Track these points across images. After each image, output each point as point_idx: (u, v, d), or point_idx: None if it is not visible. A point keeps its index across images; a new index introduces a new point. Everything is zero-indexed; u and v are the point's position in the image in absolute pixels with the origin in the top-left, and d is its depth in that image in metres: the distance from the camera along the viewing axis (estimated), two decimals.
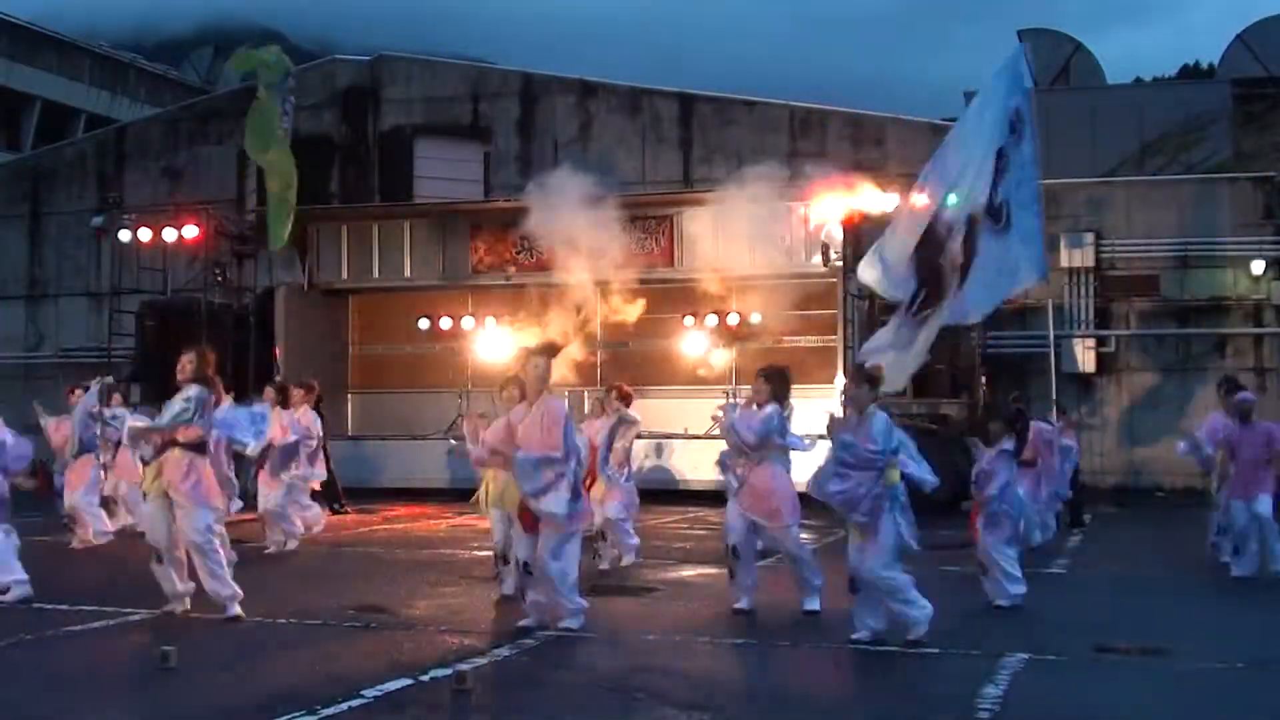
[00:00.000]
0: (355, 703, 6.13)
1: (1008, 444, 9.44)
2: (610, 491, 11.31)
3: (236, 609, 8.42)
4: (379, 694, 6.32)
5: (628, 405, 11.71)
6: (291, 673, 7.13)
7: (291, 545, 12.58)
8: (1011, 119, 9.13)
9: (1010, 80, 9.33)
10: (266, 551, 12.34)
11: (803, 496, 9.03)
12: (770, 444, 9.05)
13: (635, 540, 11.70)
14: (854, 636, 7.75)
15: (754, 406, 9.16)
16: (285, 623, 8.40)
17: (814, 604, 8.93)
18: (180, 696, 6.46)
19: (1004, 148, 9.10)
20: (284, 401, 13.12)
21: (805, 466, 9.23)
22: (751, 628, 8.45)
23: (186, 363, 8.70)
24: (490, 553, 10.26)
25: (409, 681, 6.60)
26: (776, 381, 9.16)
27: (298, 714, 5.87)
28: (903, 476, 8.04)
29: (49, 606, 8.89)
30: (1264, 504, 10.67)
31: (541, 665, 7.20)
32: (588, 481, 11.52)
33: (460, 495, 17.25)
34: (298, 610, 8.65)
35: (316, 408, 14.27)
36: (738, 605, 8.94)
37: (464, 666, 6.74)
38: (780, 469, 9.19)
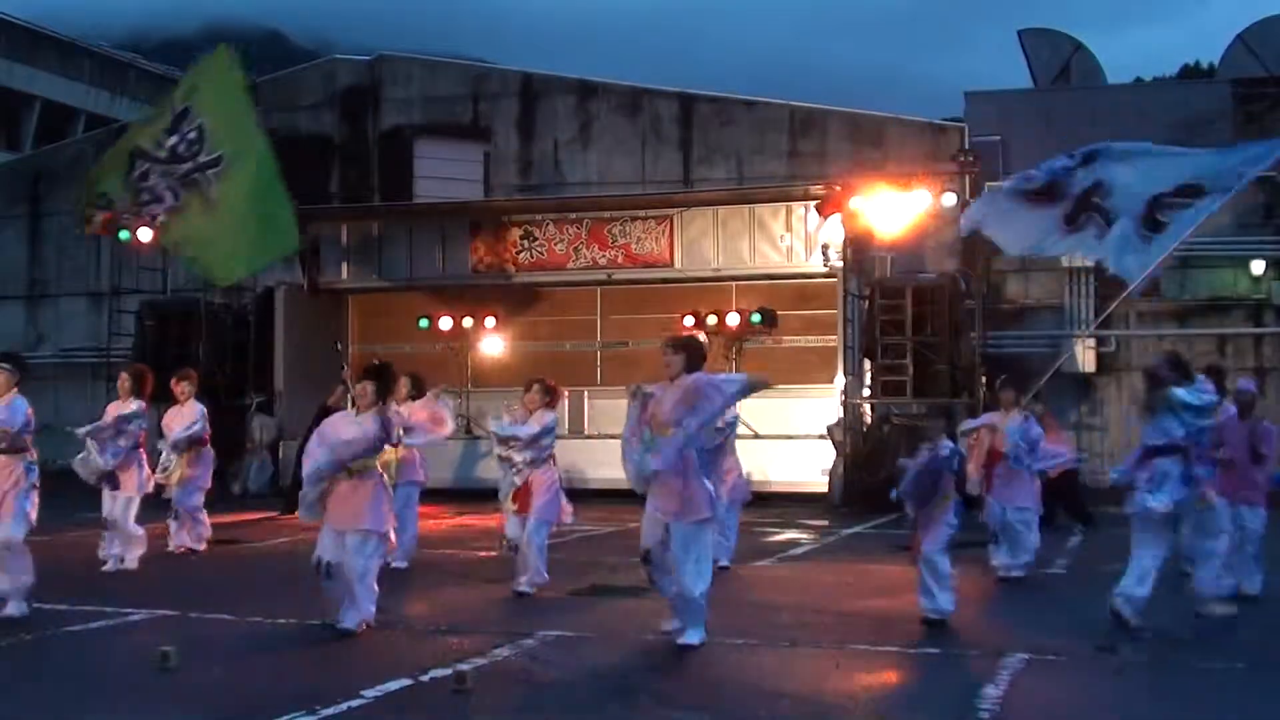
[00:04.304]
0: (355, 703, 6.13)
1: (945, 447, 8.74)
2: (538, 501, 9.75)
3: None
4: (379, 694, 6.32)
5: (552, 406, 10.11)
6: (291, 673, 7.13)
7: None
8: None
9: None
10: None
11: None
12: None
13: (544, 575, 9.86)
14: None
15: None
16: (285, 623, 8.40)
17: (696, 636, 7.62)
18: (180, 696, 6.45)
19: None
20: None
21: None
22: (751, 628, 8.44)
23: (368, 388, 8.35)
24: (494, 554, 10.18)
25: (409, 681, 6.60)
26: (691, 351, 7.88)
27: (298, 714, 5.87)
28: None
29: (49, 606, 8.88)
30: (1255, 516, 9.68)
31: (541, 665, 7.20)
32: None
33: (460, 495, 17.29)
34: (297, 610, 8.64)
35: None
36: (666, 626, 7.82)
37: (464, 666, 6.74)
38: (692, 455, 7.76)
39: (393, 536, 8.51)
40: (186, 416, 12.50)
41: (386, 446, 8.70)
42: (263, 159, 8.65)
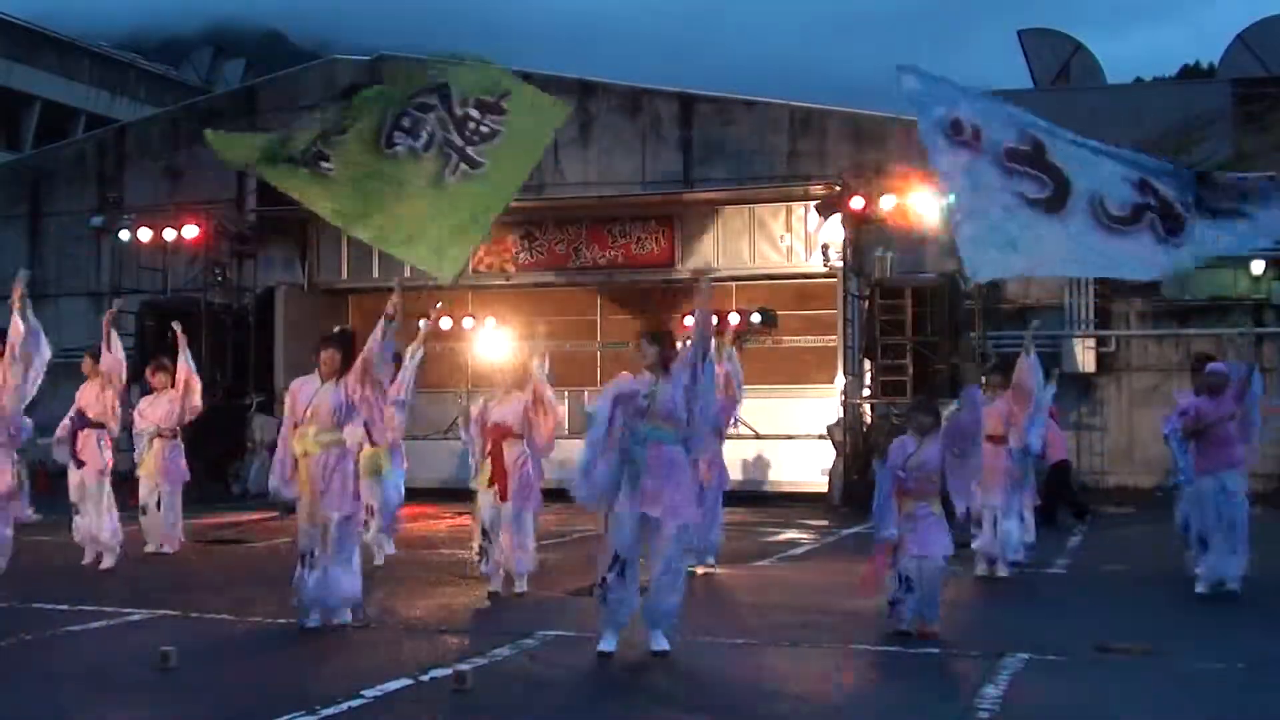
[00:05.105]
0: (355, 703, 6.13)
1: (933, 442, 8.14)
2: (521, 490, 9.61)
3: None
4: (379, 694, 6.31)
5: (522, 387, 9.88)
6: (291, 673, 7.13)
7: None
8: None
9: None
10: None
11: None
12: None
13: (530, 564, 9.81)
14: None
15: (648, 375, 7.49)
16: (285, 623, 8.39)
17: (668, 641, 7.34)
18: (180, 696, 6.45)
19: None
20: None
21: None
22: (752, 628, 8.44)
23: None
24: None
25: (409, 681, 6.60)
26: (665, 344, 7.59)
27: (297, 714, 5.87)
28: None
29: (49, 606, 8.89)
30: (1235, 480, 9.68)
31: (541, 665, 7.20)
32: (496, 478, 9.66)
33: (460, 495, 17.27)
34: (298, 610, 8.63)
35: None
36: (604, 647, 7.28)
37: (464, 666, 6.74)
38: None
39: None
40: (161, 406, 12.47)
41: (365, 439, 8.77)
42: (502, 200, 8.70)
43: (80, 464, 11.62)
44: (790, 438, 19.68)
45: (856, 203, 18.22)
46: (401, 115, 8.33)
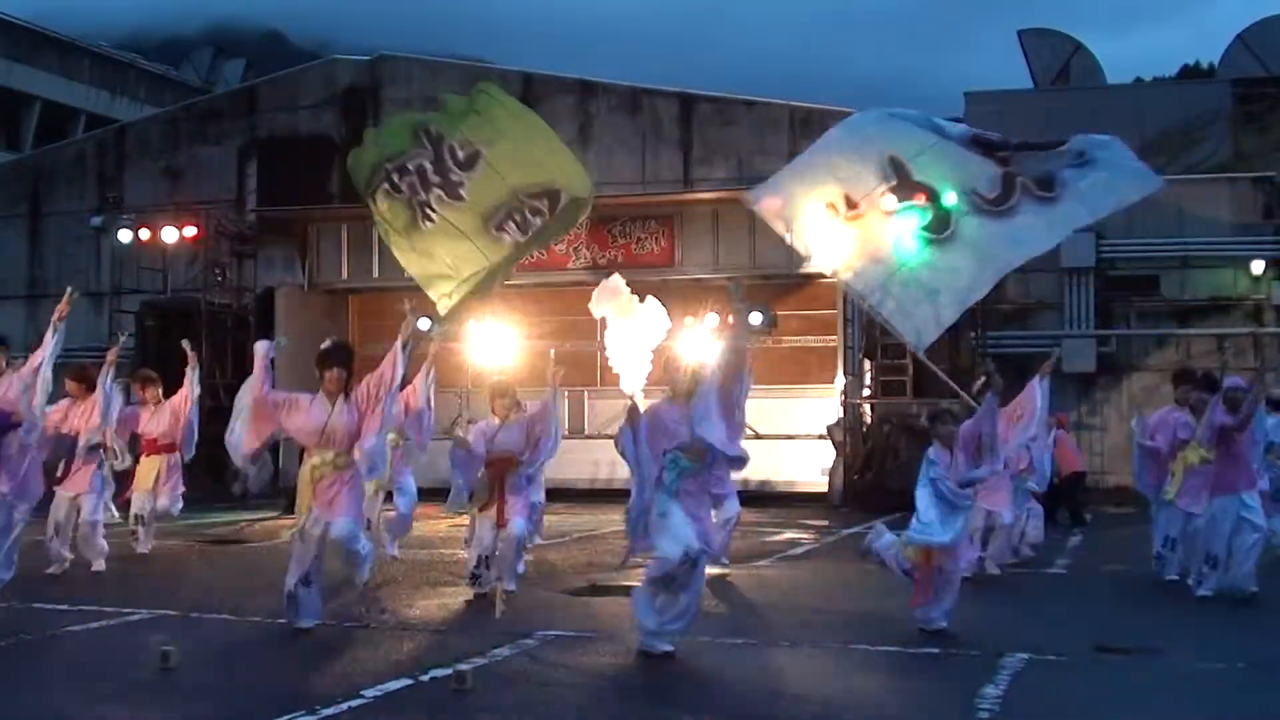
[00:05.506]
0: (355, 703, 6.13)
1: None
2: (518, 507, 9.55)
3: None
4: (379, 694, 6.32)
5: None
6: (291, 673, 7.13)
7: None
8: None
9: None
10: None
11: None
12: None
13: (522, 568, 10.06)
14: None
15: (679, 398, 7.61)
16: (285, 622, 8.39)
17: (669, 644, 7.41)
18: (180, 696, 6.45)
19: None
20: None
21: None
22: (751, 628, 8.44)
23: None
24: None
25: (409, 681, 6.60)
26: (688, 371, 7.75)
27: (298, 714, 5.87)
28: None
29: (49, 606, 8.90)
30: (1254, 499, 9.68)
31: (541, 665, 7.20)
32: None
33: None
34: None
35: None
36: (661, 648, 7.35)
37: (464, 666, 6.74)
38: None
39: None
40: (164, 420, 12.26)
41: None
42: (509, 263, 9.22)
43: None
44: (790, 438, 19.69)
45: None
46: (516, 211, 8.78)
